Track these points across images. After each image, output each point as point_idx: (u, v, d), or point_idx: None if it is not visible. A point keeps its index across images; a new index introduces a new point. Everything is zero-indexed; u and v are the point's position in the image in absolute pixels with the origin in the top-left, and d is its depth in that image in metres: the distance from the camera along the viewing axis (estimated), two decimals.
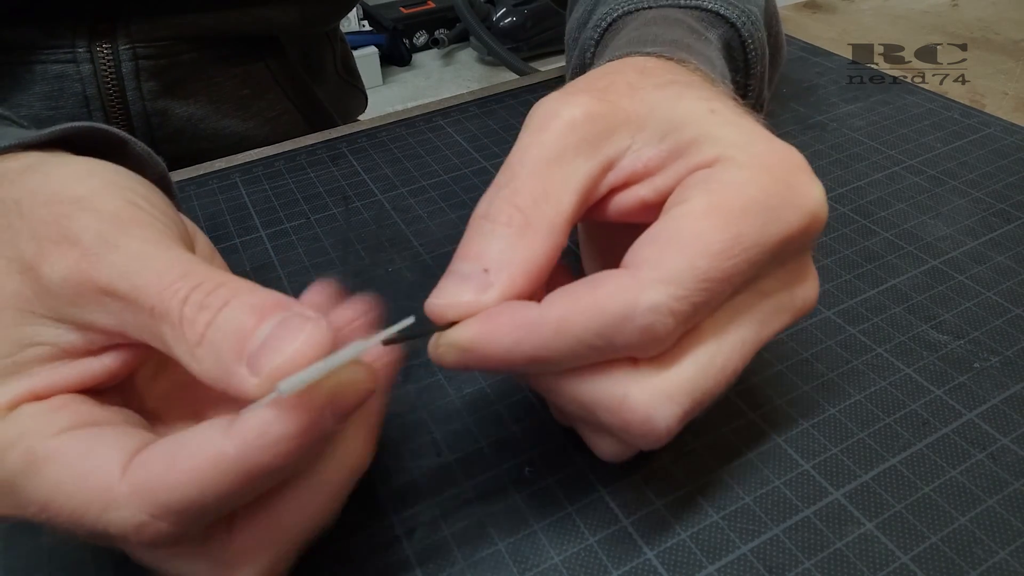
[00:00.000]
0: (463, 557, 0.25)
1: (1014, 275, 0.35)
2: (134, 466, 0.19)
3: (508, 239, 0.21)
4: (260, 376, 0.18)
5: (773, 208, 0.21)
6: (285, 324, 0.18)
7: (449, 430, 0.29)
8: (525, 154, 0.22)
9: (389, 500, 0.26)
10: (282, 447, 0.18)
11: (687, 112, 0.23)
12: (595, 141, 0.23)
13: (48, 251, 0.20)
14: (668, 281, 0.20)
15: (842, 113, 0.48)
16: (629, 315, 0.20)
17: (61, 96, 0.48)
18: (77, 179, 0.22)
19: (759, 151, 0.22)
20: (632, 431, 0.21)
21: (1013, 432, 0.28)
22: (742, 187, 0.21)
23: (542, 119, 0.23)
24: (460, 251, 0.22)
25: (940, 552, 0.24)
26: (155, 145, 0.51)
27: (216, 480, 0.18)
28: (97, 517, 0.18)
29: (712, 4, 0.32)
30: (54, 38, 0.46)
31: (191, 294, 0.19)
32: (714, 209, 0.21)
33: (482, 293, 0.20)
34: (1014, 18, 0.62)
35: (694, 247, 0.20)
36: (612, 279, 0.20)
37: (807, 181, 0.22)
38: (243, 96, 0.54)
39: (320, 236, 0.39)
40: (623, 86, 0.24)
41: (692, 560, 0.24)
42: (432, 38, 2.37)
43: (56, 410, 0.20)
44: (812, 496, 0.26)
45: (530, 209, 0.21)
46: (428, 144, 0.47)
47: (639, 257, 0.21)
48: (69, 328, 0.20)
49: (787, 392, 0.30)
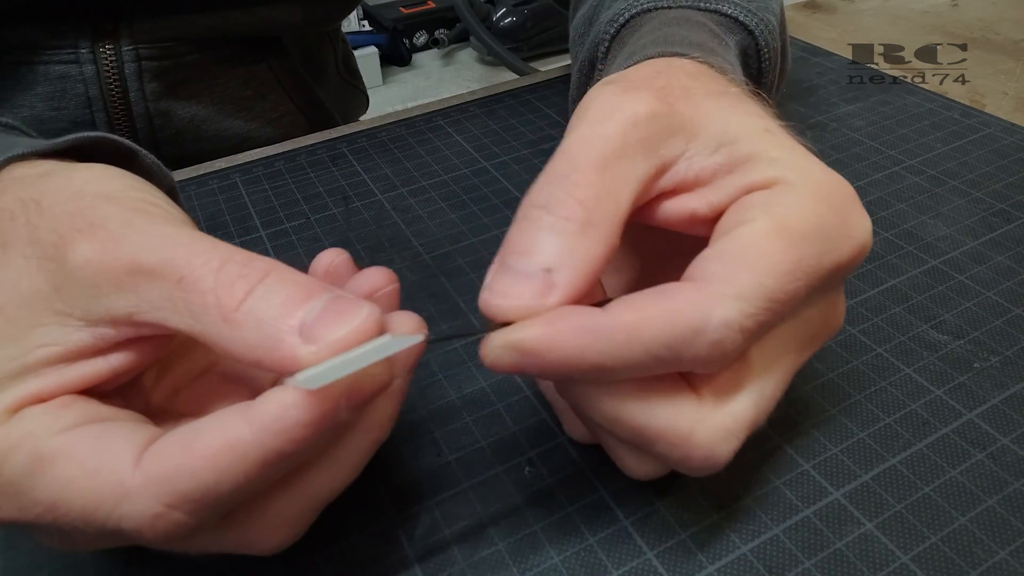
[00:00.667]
0: (463, 557, 0.25)
1: (1014, 275, 0.35)
2: (148, 456, 0.18)
3: (570, 236, 0.20)
4: (318, 344, 0.18)
5: (830, 237, 0.21)
6: (339, 302, 0.19)
7: (449, 430, 0.29)
8: (587, 145, 0.22)
9: (389, 500, 0.26)
10: (299, 433, 0.18)
11: (741, 127, 0.23)
12: (654, 142, 0.22)
13: (72, 237, 0.20)
14: (739, 297, 0.20)
15: (842, 113, 0.48)
16: (701, 328, 0.19)
17: (63, 97, 0.48)
18: (99, 180, 0.22)
19: (816, 178, 0.22)
20: (693, 465, 0.21)
21: (1013, 432, 0.28)
22: (804, 212, 0.21)
23: (604, 111, 0.22)
24: (515, 242, 0.21)
25: (940, 552, 0.24)
26: (158, 147, 0.51)
27: (234, 466, 0.18)
28: (109, 512, 0.18)
29: (732, 10, 0.32)
30: (57, 38, 0.46)
31: (225, 266, 0.19)
32: (779, 231, 0.21)
33: (545, 295, 0.20)
34: (1014, 18, 0.62)
35: (762, 266, 0.20)
36: (683, 291, 0.20)
37: (859, 213, 0.22)
38: (245, 97, 0.54)
39: (320, 236, 0.39)
40: (678, 88, 0.24)
41: (692, 560, 0.24)
42: (432, 38, 2.37)
43: (60, 409, 0.20)
44: (812, 496, 0.26)
45: (592, 205, 0.21)
46: (428, 144, 0.47)
47: (707, 271, 0.20)
48: (79, 326, 0.20)
49: (787, 392, 0.30)
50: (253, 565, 0.24)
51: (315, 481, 0.21)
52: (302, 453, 0.19)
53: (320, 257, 0.25)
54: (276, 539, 0.21)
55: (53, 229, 0.20)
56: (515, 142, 0.47)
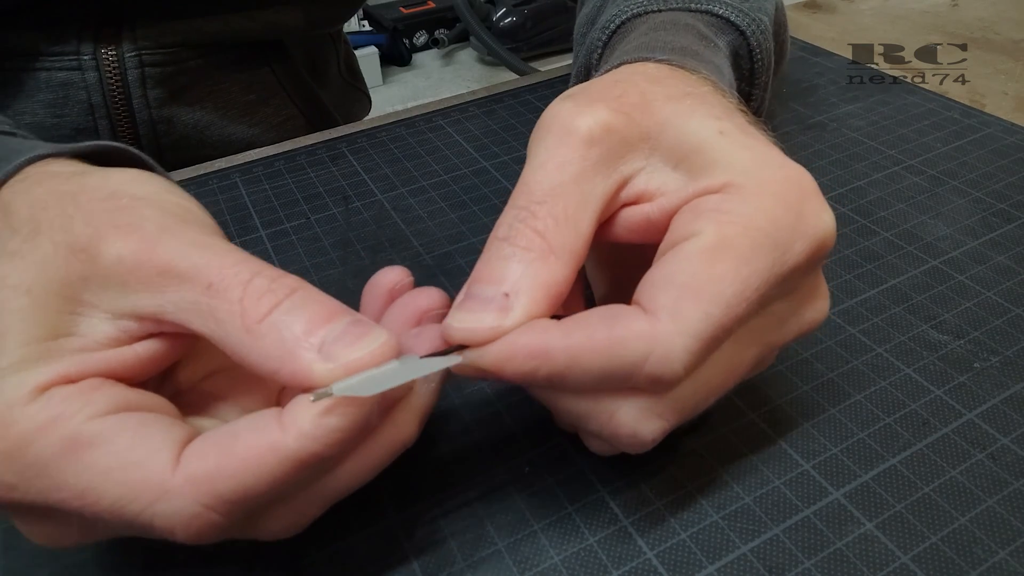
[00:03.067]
0: (463, 557, 0.25)
1: (1014, 275, 0.35)
2: (188, 456, 0.19)
3: (529, 264, 0.21)
4: (334, 363, 0.19)
5: (782, 241, 0.21)
6: (359, 325, 0.20)
7: (449, 430, 0.29)
8: (542, 172, 0.22)
9: (389, 500, 0.26)
10: (335, 437, 0.19)
11: (697, 132, 0.23)
12: (612, 160, 0.23)
13: (107, 233, 0.20)
14: (684, 333, 0.20)
15: (842, 113, 0.48)
16: (640, 364, 0.20)
17: (66, 104, 0.48)
18: (136, 182, 0.23)
19: (769, 177, 0.22)
20: (620, 443, 0.22)
21: (1013, 432, 0.28)
22: (751, 220, 0.21)
23: (559, 133, 0.23)
24: (479, 272, 0.22)
25: (940, 552, 0.24)
26: (161, 153, 0.51)
27: (273, 470, 0.19)
28: (144, 508, 0.18)
29: (723, 10, 0.32)
30: (59, 44, 0.46)
31: (254, 279, 0.20)
32: (726, 247, 0.21)
33: (503, 318, 0.21)
34: (1014, 18, 0.62)
35: (709, 294, 0.20)
36: (628, 323, 0.20)
37: (817, 208, 0.22)
38: (249, 102, 0.54)
39: (320, 236, 0.40)
40: (636, 96, 0.24)
41: (692, 560, 0.24)
42: (432, 38, 2.37)
43: (90, 391, 0.19)
44: (812, 496, 0.26)
45: (551, 233, 0.21)
46: (428, 144, 0.47)
47: (655, 302, 0.21)
48: (105, 318, 0.20)
49: (787, 392, 0.30)
50: (253, 565, 0.24)
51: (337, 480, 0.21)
52: (335, 457, 0.20)
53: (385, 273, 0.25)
54: (284, 529, 0.21)
55: (88, 223, 0.21)
56: (515, 142, 0.47)
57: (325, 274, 0.37)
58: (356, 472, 0.21)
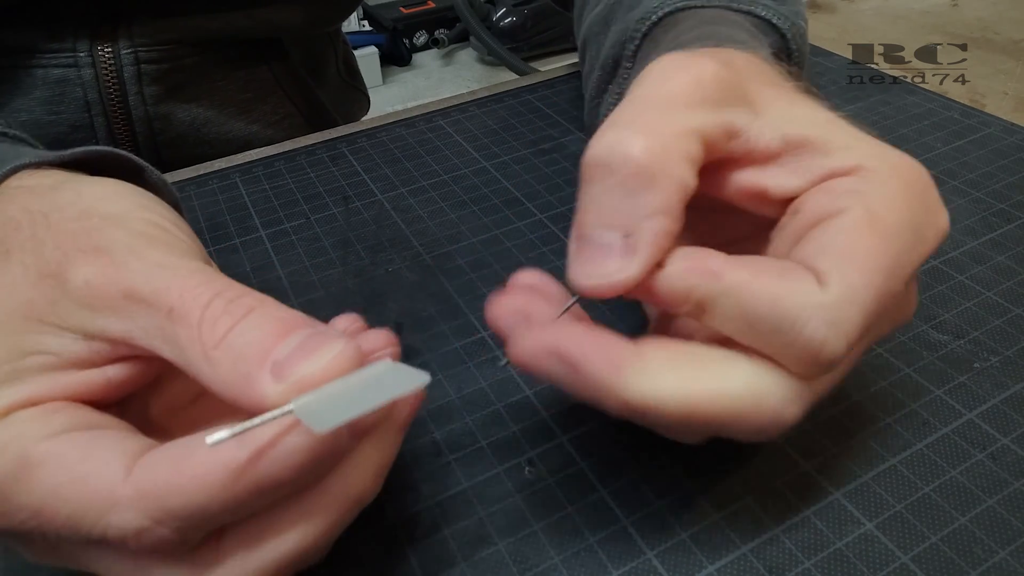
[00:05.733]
0: (463, 557, 0.25)
1: (1014, 275, 0.35)
2: (139, 468, 0.18)
3: (640, 194, 0.20)
4: (285, 383, 0.18)
5: (919, 227, 0.21)
6: (314, 338, 0.19)
7: (449, 430, 0.29)
8: (650, 94, 0.21)
9: (389, 499, 0.26)
10: (295, 459, 0.18)
11: (807, 113, 0.23)
12: (721, 102, 0.22)
13: (75, 258, 0.20)
14: (854, 302, 0.19)
15: (842, 113, 0.48)
16: (802, 323, 0.19)
17: (62, 101, 0.48)
18: (108, 198, 0.22)
19: (896, 164, 0.22)
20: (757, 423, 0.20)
21: (1013, 432, 0.28)
22: (893, 203, 0.21)
23: (666, 70, 0.22)
24: (588, 212, 0.20)
25: (940, 552, 0.24)
26: (158, 150, 0.51)
27: (225, 488, 0.18)
28: (96, 521, 0.18)
29: (765, 12, 0.32)
30: (55, 41, 0.46)
31: (214, 300, 0.19)
32: (875, 225, 0.20)
33: (629, 264, 0.19)
34: (1014, 18, 0.62)
35: (870, 265, 0.20)
36: (800, 278, 0.19)
37: (938, 199, 0.22)
38: (246, 99, 0.54)
39: (320, 236, 0.39)
40: (741, 65, 0.23)
41: (692, 560, 0.24)
42: (432, 38, 2.37)
43: (51, 413, 0.19)
44: (812, 496, 0.26)
45: (658, 154, 0.20)
46: (428, 144, 0.47)
47: (821, 267, 0.20)
48: (75, 338, 0.20)
49: None
50: None
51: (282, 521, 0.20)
52: (297, 480, 0.19)
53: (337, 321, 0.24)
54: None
55: (58, 246, 0.20)
56: (515, 142, 0.47)
57: (325, 274, 0.37)
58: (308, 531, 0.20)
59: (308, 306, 0.35)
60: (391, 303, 0.35)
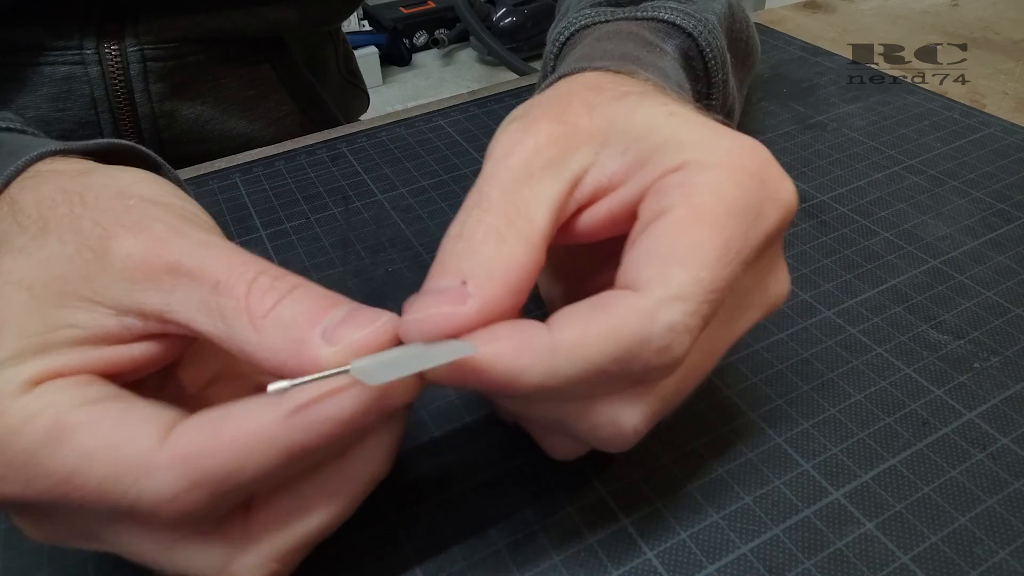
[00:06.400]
0: (463, 557, 0.25)
1: (1014, 275, 0.35)
2: (176, 433, 0.19)
3: (485, 254, 0.21)
4: (339, 345, 0.19)
5: (754, 206, 0.21)
6: (360, 310, 0.20)
7: (449, 430, 0.29)
8: (493, 177, 0.22)
9: (389, 500, 0.26)
10: (328, 427, 0.19)
11: (646, 119, 0.23)
12: (560, 160, 0.23)
13: (117, 232, 0.21)
14: (680, 298, 0.19)
15: (842, 113, 0.48)
16: (647, 337, 0.19)
17: (69, 98, 0.48)
18: (142, 183, 0.23)
19: (727, 147, 0.22)
20: (599, 437, 0.21)
21: (1013, 432, 0.28)
22: (720, 188, 0.21)
23: (506, 147, 0.23)
24: (434, 270, 0.21)
25: (940, 552, 0.24)
26: (162, 147, 0.51)
27: (261, 452, 0.18)
28: (130, 485, 0.18)
29: (667, 15, 0.32)
30: (62, 39, 0.46)
31: (260, 276, 0.20)
32: (700, 215, 0.20)
33: (460, 304, 0.20)
34: (1014, 18, 0.62)
35: (694, 259, 0.20)
36: (621, 301, 0.20)
37: (778, 174, 0.22)
38: (249, 97, 0.54)
39: (320, 236, 0.40)
40: (580, 106, 0.24)
41: (692, 560, 0.24)
42: (432, 38, 2.37)
43: (84, 385, 0.20)
44: (812, 496, 0.26)
45: (504, 226, 0.21)
46: (428, 144, 0.47)
47: (641, 277, 0.20)
48: (107, 313, 0.20)
49: (787, 392, 0.30)
50: None
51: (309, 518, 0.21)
52: (328, 448, 0.20)
53: None
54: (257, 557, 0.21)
55: (97, 222, 0.21)
56: None
57: (325, 274, 0.37)
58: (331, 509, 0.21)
59: None
60: (391, 303, 0.35)
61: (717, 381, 0.30)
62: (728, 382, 0.30)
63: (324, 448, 0.19)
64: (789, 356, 0.31)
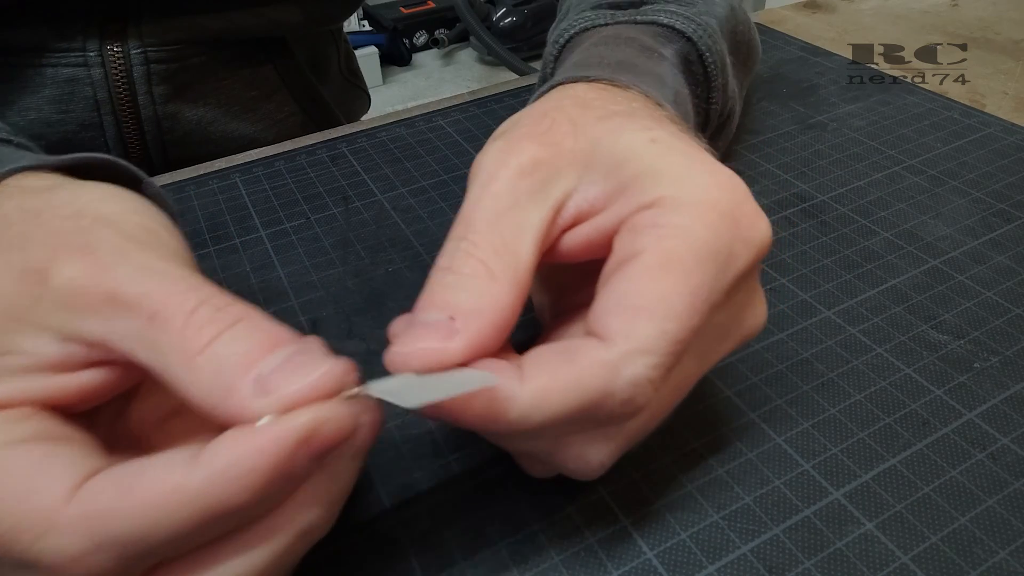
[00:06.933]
0: (463, 557, 0.25)
1: (1014, 275, 0.35)
2: (84, 490, 0.17)
3: (472, 290, 0.21)
4: (268, 398, 0.17)
5: (724, 250, 0.21)
6: (302, 355, 0.18)
7: (449, 430, 0.29)
8: (478, 206, 0.22)
9: (389, 500, 0.26)
10: (250, 482, 0.17)
11: (627, 144, 0.23)
12: (543, 186, 0.23)
13: (61, 256, 0.20)
14: (643, 351, 0.20)
15: (842, 113, 0.48)
16: (610, 391, 0.20)
17: (72, 100, 0.48)
18: (103, 200, 0.22)
19: (703, 185, 0.22)
20: (566, 469, 0.22)
21: (1013, 432, 0.28)
22: (690, 232, 0.21)
23: (490, 169, 0.23)
24: (423, 302, 0.21)
25: (940, 552, 0.24)
26: (165, 149, 0.51)
27: (172, 514, 0.17)
28: (32, 541, 0.17)
29: (667, 19, 0.32)
30: (65, 40, 0.46)
31: (200, 307, 0.19)
32: (669, 262, 0.21)
33: (448, 340, 0.20)
34: (1014, 18, 0.62)
35: (660, 311, 0.20)
36: (587, 353, 0.20)
37: (752, 212, 0.22)
38: (251, 98, 0.54)
39: (320, 236, 0.40)
40: (565, 124, 0.24)
41: (692, 560, 0.24)
42: (432, 38, 2.37)
43: (16, 420, 0.19)
44: (812, 496, 0.26)
45: (492, 261, 0.21)
46: (428, 144, 0.47)
47: (610, 327, 0.20)
48: (51, 339, 0.19)
49: (787, 392, 0.30)
50: None
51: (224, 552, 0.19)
52: (251, 507, 0.18)
53: None
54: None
55: (45, 244, 0.20)
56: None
57: (325, 274, 0.37)
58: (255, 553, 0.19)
59: (308, 306, 0.35)
60: (391, 303, 0.35)
61: (717, 381, 0.30)
62: (728, 382, 0.30)
63: (244, 509, 0.18)
64: (789, 356, 0.31)
